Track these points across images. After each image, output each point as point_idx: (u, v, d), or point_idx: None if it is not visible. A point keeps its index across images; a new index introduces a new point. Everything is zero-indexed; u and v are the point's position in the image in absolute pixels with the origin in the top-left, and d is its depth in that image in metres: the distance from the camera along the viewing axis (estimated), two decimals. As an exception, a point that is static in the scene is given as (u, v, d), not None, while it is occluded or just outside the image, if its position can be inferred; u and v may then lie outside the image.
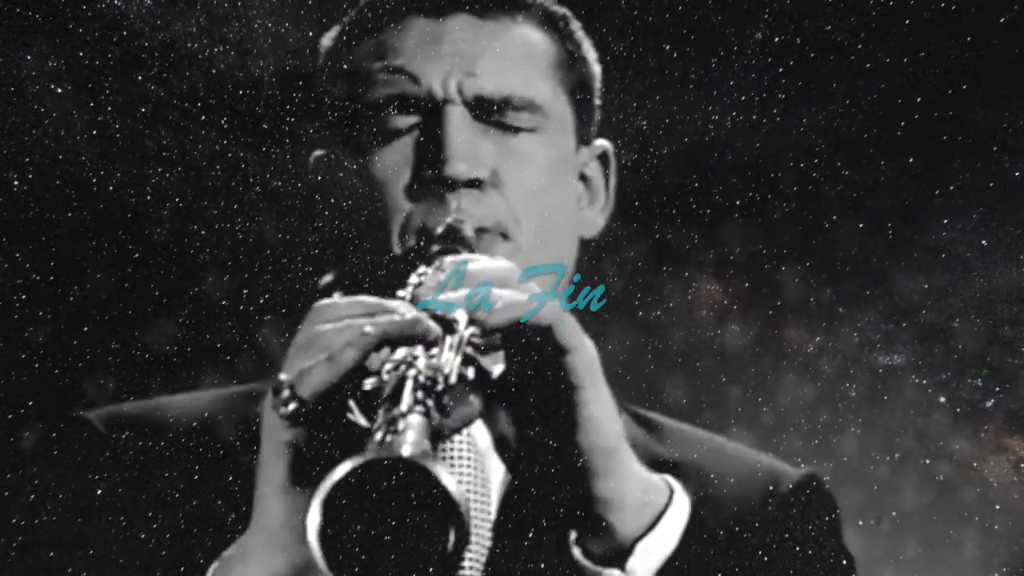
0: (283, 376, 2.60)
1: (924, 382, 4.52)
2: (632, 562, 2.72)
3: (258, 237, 4.32)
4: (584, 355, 2.68)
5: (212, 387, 4.40)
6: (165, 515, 2.88)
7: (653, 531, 2.73)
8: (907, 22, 4.29)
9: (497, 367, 2.74)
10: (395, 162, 3.08)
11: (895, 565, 4.35)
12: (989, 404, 4.54)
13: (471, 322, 2.63)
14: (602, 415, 2.69)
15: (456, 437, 3.00)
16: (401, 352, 2.56)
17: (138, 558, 2.84)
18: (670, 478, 2.80)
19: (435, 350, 2.57)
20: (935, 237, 4.46)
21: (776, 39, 4.31)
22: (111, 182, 4.23)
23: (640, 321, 4.42)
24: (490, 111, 3.08)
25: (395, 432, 2.42)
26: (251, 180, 4.27)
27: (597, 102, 3.26)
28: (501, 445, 2.78)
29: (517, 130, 3.09)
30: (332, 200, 3.35)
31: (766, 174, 4.38)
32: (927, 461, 4.49)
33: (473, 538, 2.94)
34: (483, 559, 2.95)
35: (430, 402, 2.49)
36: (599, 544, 2.73)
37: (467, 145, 3.04)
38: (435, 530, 2.37)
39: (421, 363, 2.53)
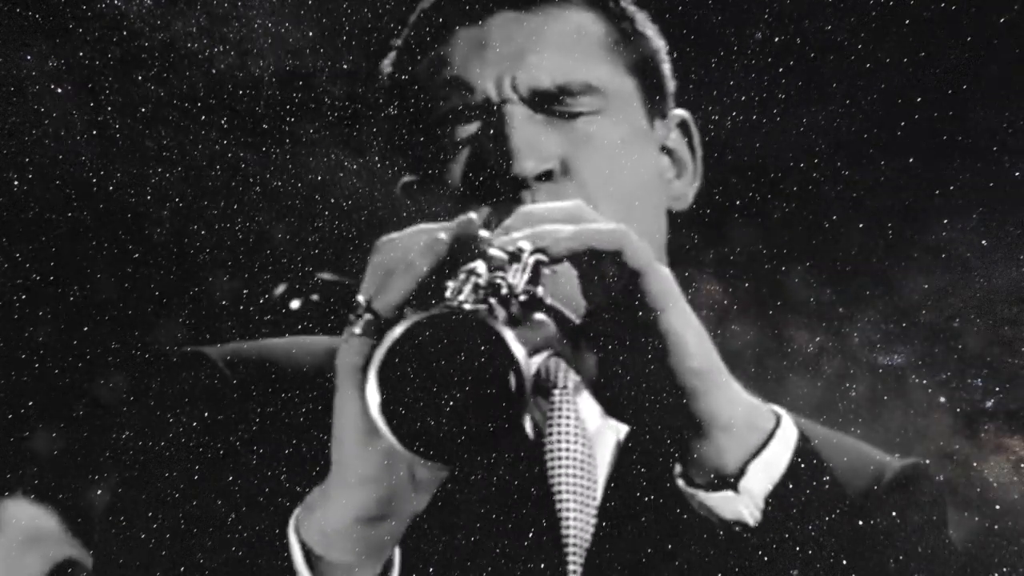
0: (360, 296, 2.57)
1: (924, 382, 4.52)
2: (745, 482, 2.66)
3: (258, 237, 4.32)
4: (659, 276, 2.63)
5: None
6: (272, 459, 2.85)
7: (763, 453, 2.67)
8: (907, 22, 4.29)
9: (576, 314, 2.70)
10: (464, 172, 3.04)
11: (895, 565, 4.34)
12: (989, 404, 4.54)
13: (537, 251, 2.60)
14: (689, 335, 2.64)
15: (564, 419, 3.00)
16: (468, 266, 2.53)
17: (248, 502, 2.80)
18: (776, 407, 2.75)
19: (502, 270, 2.54)
20: (935, 237, 4.46)
21: (776, 39, 4.31)
22: (111, 182, 4.23)
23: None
24: (549, 101, 3.04)
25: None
26: (251, 180, 4.27)
27: (667, 74, 3.20)
28: (598, 392, 2.72)
29: (579, 115, 3.05)
30: (332, 200, 3.35)
31: (766, 174, 4.38)
32: (927, 461, 4.49)
33: (579, 518, 2.93)
34: (588, 540, 2.93)
35: (492, 301, 2.46)
36: (705, 472, 2.67)
37: (530, 140, 3.00)
38: (496, 383, 2.36)
39: (482, 269, 2.50)
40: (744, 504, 2.67)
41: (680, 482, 2.70)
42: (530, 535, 2.89)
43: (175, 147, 4.22)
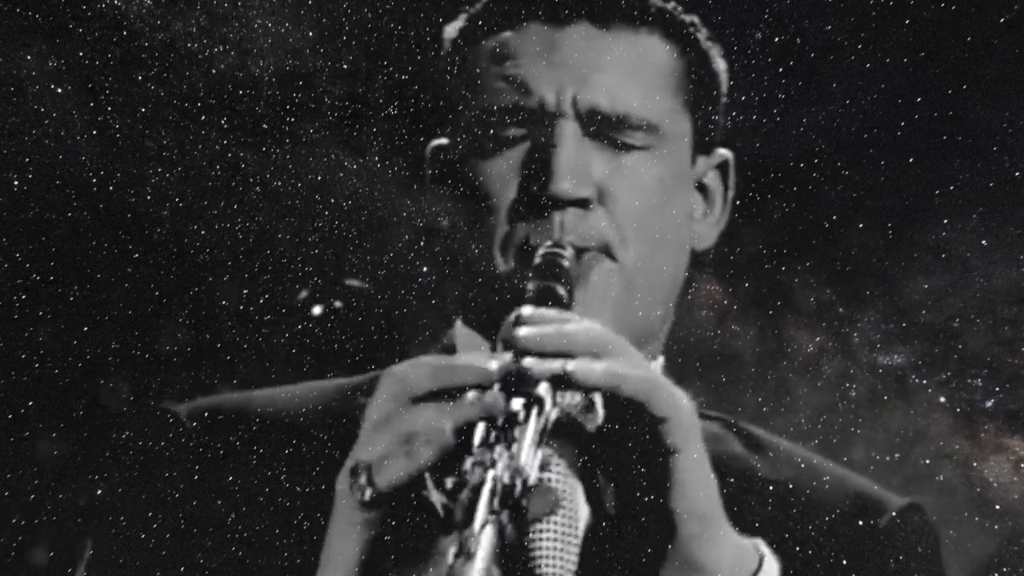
0: (361, 459, 2.59)
1: (924, 382, 4.52)
2: None
3: (258, 237, 4.32)
4: (680, 422, 2.67)
5: (214, 387, 4.41)
6: (251, 512, 2.87)
7: None
8: (907, 22, 4.29)
9: (593, 422, 2.73)
10: (502, 173, 3.00)
11: (895, 565, 4.34)
12: (989, 404, 4.54)
13: (558, 383, 2.60)
14: (697, 481, 2.68)
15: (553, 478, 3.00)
16: (481, 451, 2.53)
17: (219, 556, 2.82)
18: (760, 542, 2.78)
19: (515, 446, 2.54)
20: (935, 237, 4.45)
21: (776, 39, 4.31)
22: (111, 182, 4.23)
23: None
24: (603, 127, 3.00)
25: (466, 555, 2.42)
26: (251, 180, 4.27)
27: (722, 116, 3.17)
28: (594, 502, 2.78)
29: (629, 148, 3.01)
30: (332, 200, 3.35)
31: (766, 174, 4.38)
32: (927, 461, 4.49)
33: (557, 560, 2.93)
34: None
35: (504, 517, 2.47)
36: None
37: (575, 162, 2.96)
38: None
39: (500, 466, 2.50)
40: None
41: None
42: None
43: (175, 147, 4.22)
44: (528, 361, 2.62)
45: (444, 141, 3.13)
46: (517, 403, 2.59)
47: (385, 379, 2.63)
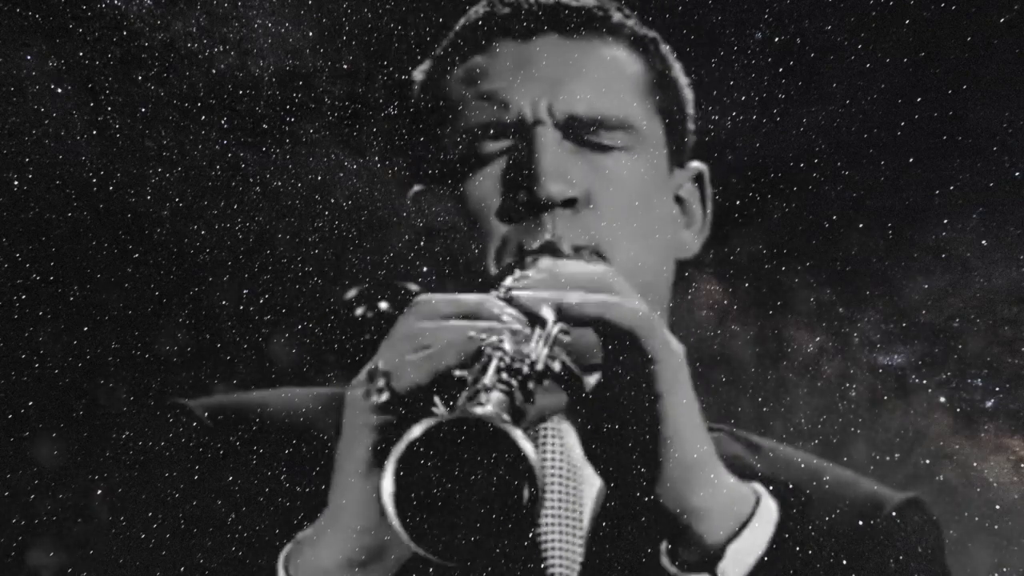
0: (380, 364, 2.63)
1: (924, 382, 4.52)
2: (723, 566, 2.73)
3: (258, 237, 4.32)
4: (668, 364, 2.69)
5: (214, 387, 4.41)
6: (251, 512, 2.88)
7: (741, 536, 2.74)
8: (907, 22, 4.29)
9: (591, 379, 2.75)
10: (489, 187, 3.05)
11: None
12: (989, 404, 4.54)
13: (559, 319, 2.65)
14: (686, 427, 2.70)
15: (550, 448, 3.02)
16: (490, 338, 2.59)
17: (219, 556, 2.83)
18: (758, 485, 2.81)
19: (524, 343, 2.60)
20: (935, 237, 4.45)
21: (776, 39, 4.31)
22: (111, 182, 4.23)
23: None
24: (582, 131, 3.06)
25: (475, 402, 2.47)
26: (251, 180, 4.27)
27: (691, 126, 3.23)
28: (592, 454, 2.78)
29: (609, 149, 3.07)
30: (332, 200, 3.36)
31: (766, 174, 4.38)
32: (927, 461, 4.49)
33: (564, 548, 2.96)
34: (576, 570, 2.95)
35: (514, 382, 2.52)
36: (689, 551, 2.74)
37: (559, 165, 3.02)
38: (510, 491, 2.40)
39: (508, 346, 2.56)
40: None
41: (664, 560, 2.76)
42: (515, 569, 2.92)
43: (175, 147, 4.22)
44: (525, 295, 2.68)
45: (420, 186, 3.18)
46: (523, 321, 2.65)
47: (413, 304, 2.69)
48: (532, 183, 3.00)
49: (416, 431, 2.41)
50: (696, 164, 3.24)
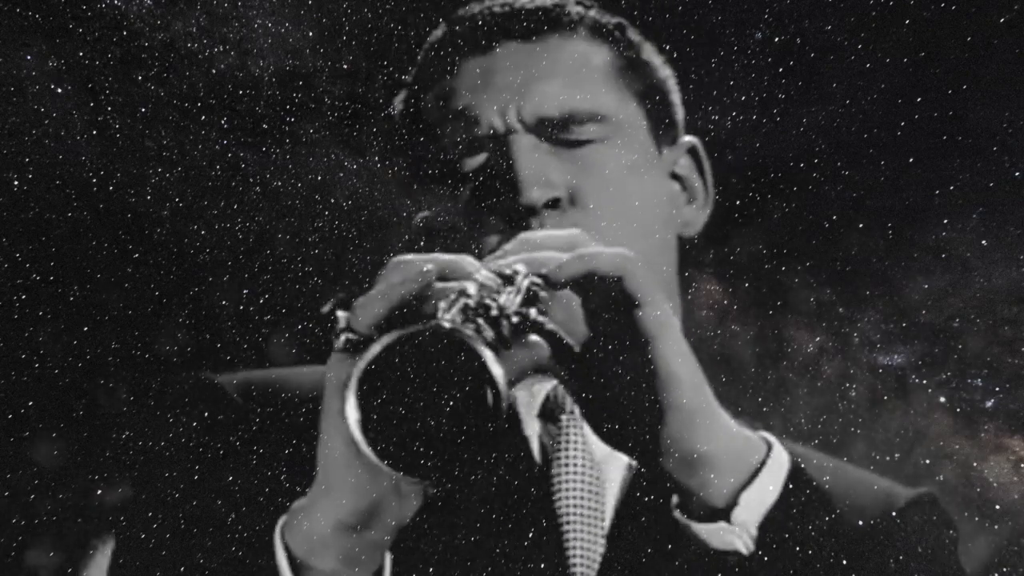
0: (340, 312, 2.62)
1: (924, 382, 4.52)
2: (737, 513, 2.71)
3: (258, 237, 4.32)
4: (656, 307, 2.67)
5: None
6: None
7: (754, 483, 2.72)
8: (907, 22, 4.29)
9: (577, 341, 2.72)
10: (473, 204, 3.07)
11: (895, 565, 4.34)
12: (989, 404, 4.53)
13: (534, 276, 2.64)
14: (681, 369, 2.68)
15: (571, 444, 3.02)
16: (457, 286, 2.58)
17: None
18: (768, 434, 2.79)
19: (496, 294, 2.59)
20: (935, 237, 4.45)
21: (776, 39, 4.31)
22: (111, 182, 4.23)
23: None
24: (555, 130, 3.07)
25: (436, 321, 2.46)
26: (251, 180, 4.27)
27: (675, 102, 3.23)
28: (593, 419, 2.75)
29: (585, 143, 3.08)
30: (332, 200, 3.36)
31: (766, 174, 4.38)
32: (927, 461, 4.49)
33: (586, 546, 2.95)
34: (595, 566, 2.94)
35: (480, 321, 2.50)
36: (698, 503, 2.71)
37: (537, 169, 3.02)
38: (477, 403, 2.40)
39: (472, 291, 2.55)
40: (737, 535, 2.70)
41: (676, 513, 2.72)
42: (540, 563, 2.91)
43: (175, 147, 4.22)
44: (500, 261, 2.68)
45: (425, 214, 3.19)
46: (496, 279, 2.64)
47: (388, 265, 2.68)
48: (514, 191, 3.02)
49: (375, 349, 2.40)
50: (688, 138, 3.23)
